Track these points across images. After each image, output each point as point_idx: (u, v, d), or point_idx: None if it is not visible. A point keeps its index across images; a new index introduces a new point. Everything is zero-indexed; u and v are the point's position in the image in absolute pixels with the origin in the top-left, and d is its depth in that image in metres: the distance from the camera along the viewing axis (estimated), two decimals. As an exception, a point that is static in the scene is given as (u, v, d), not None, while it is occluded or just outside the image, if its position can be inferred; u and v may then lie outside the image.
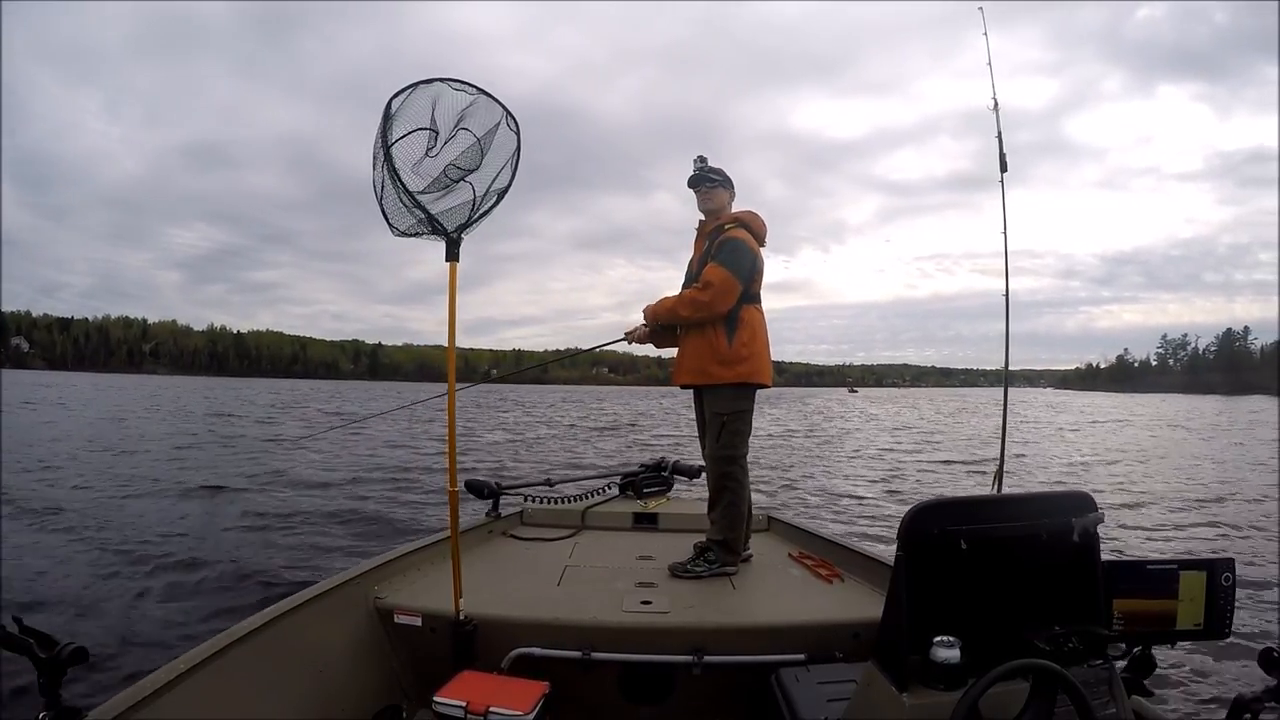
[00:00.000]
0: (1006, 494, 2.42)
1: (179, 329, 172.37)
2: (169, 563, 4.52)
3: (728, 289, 2.27)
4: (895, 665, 1.06)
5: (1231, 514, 7.64)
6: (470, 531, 2.59)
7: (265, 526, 5.65)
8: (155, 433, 14.31)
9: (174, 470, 8.66)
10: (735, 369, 2.31)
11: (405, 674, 1.94)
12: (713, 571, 2.29)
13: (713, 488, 2.41)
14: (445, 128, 1.71)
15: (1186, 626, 1.14)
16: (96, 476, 8.00)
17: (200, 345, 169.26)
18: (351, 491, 7.47)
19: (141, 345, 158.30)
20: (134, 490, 7.15)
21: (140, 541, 5.03)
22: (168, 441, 12.27)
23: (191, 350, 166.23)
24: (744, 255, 2.30)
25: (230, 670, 1.42)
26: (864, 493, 8.64)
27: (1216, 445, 17.20)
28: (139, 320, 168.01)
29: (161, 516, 5.88)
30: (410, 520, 6.10)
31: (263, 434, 15.24)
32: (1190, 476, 10.93)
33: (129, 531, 5.33)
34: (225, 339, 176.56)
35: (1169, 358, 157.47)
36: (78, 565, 4.37)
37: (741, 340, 2.30)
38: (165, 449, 11.13)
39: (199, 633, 3.09)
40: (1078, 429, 22.51)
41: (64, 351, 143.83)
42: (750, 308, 2.35)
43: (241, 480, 8.06)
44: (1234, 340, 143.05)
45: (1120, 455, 14.35)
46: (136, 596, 3.87)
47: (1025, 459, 12.42)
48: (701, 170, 2.43)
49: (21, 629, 0.98)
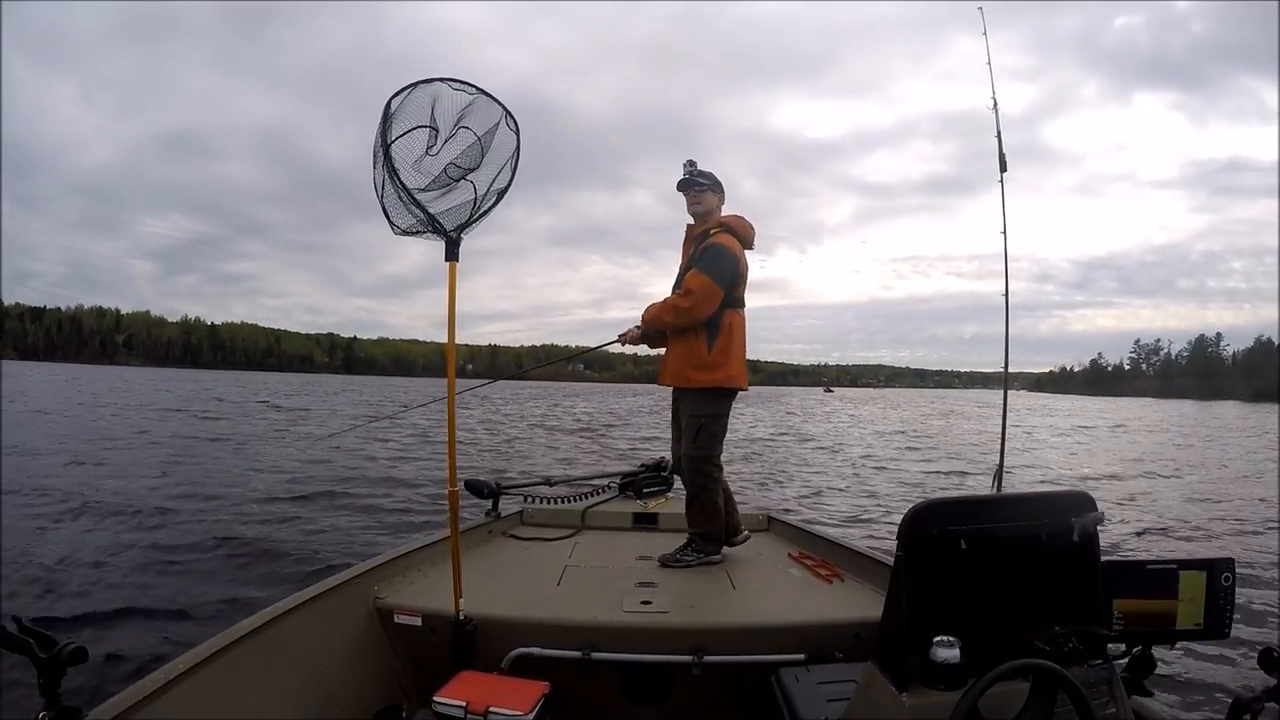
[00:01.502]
0: (1006, 494, 2.42)
1: (153, 320, 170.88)
2: (169, 562, 4.51)
3: (708, 296, 2.32)
4: (895, 665, 1.06)
5: (1231, 514, 7.65)
6: (470, 531, 2.59)
7: (266, 527, 5.64)
8: (157, 430, 14.30)
9: (172, 468, 8.65)
10: (712, 374, 2.37)
11: (405, 674, 1.94)
12: (701, 561, 2.41)
13: (690, 486, 2.48)
14: (445, 126, 1.71)
15: (1186, 626, 1.14)
16: (96, 475, 7.99)
17: (174, 337, 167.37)
18: (351, 491, 7.47)
19: (115, 336, 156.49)
20: (134, 490, 7.14)
21: (140, 541, 5.02)
22: (166, 437, 12.27)
23: (165, 342, 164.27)
24: (725, 262, 2.35)
25: (230, 670, 1.42)
26: (859, 501, 8.63)
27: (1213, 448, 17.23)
28: (112, 310, 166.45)
29: (162, 516, 5.88)
30: (410, 520, 6.10)
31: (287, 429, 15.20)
32: (1189, 477, 10.94)
33: (129, 531, 5.33)
34: (199, 331, 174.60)
35: (1142, 362, 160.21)
36: (77, 565, 4.37)
37: (720, 346, 2.36)
38: (165, 446, 11.12)
39: (199, 632, 3.09)
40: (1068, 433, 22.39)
41: (35, 341, 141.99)
42: (731, 313, 2.40)
43: (241, 480, 8.06)
44: (1206, 346, 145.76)
45: (1119, 458, 14.37)
46: (136, 597, 3.86)
47: (1029, 466, 12.40)
48: (691, 174, 2.46)
49: (21, 629, 0.97)
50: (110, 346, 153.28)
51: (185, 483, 7.66)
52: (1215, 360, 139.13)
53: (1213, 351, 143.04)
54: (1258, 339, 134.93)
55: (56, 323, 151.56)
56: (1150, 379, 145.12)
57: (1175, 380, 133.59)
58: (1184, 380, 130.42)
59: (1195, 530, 6.78)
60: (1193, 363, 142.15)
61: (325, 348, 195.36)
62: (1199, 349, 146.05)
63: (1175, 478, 11.01)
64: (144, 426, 14.56)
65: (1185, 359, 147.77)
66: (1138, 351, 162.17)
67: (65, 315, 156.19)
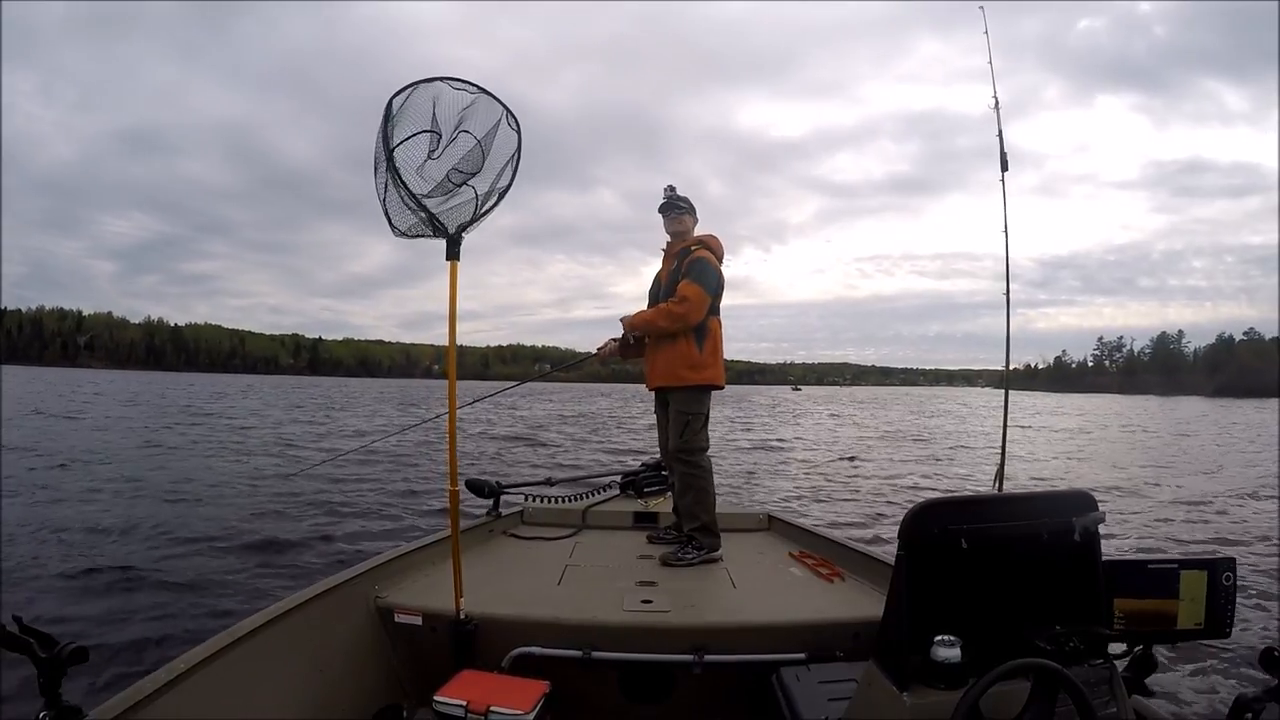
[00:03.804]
0: (1007, 493, 2.42)
1: (115, 321, 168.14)
2: (168, 562, 4.52)
3: (701, 303, 2.56)
4: (896, 664, 1.06)
5: (1230, 514, 7.64)
6: (471, 531, 2.59)
7: (266, 527, 5.64)
8: (158, 429, 14.31)
9: (171, 468, 8.66)
10: (703, 373, 2.60)
11: (405, 673, 1.94)
12: (703, 558, 2.47)
13: (680, 478, 2.63)
14: (447, 130, 1.71)
15: (1187, 626, 1.14)
16: (96, 475, 8.00)
17: (137, 338, 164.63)
18: (351, 491, 7.47)
19: (77, 338, 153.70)
20: (133, 489, 7.15)
21: (139, 540, 5.03)
22: (165, 437, 12.28)
23: (128, 343, 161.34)
24: (712, 273, 2.61)
25: (230, 670, 1.42)
26: (859, 501, 8.63)
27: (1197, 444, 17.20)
28: (74, 312, 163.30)
29: (161, 515, 5.88)
30: (410, 520, 6.10)
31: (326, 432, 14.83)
32: (1186, 475, 10.94)
33: (127, 530, 5.33)
34: (163, 332, 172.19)
35: (1105, 359, 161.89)
36: (78, 564, 4.37)
37: (708, 349, 2.60)
38: (164, 446, 11.12)
39: (199, 632, 3.09)
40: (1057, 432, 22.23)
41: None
42: (714, 319, 2.65)
43: (241, 478, 8.06)
44: (1169, 343, 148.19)
45: (1114, 454, 14.36)
46: (136, 596, 3.86)
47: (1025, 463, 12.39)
48: (671, 199, 2.73)
49: (22, 628, 0.97)
50: (72, 349, 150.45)
51: (185, 482, 7.67)
52: (1177, 357, 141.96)
53: (1175, 348, 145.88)
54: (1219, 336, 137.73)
55: (18, 324, 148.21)
56: (1113, 375, 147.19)
57: (1139, 377, 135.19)
58: (1147, 377, 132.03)
59: (1195, 531, 6.78)
60: (1155, 359, 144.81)
61: (290, 349, 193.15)
62: (1161, 346, 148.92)
63: (1170, 475, 11.00)
64: (144, 428, 14.57)
65: (1148, 356, 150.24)
66: (1101, 349, 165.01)
67: (26, 317, 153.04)
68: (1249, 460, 13.65)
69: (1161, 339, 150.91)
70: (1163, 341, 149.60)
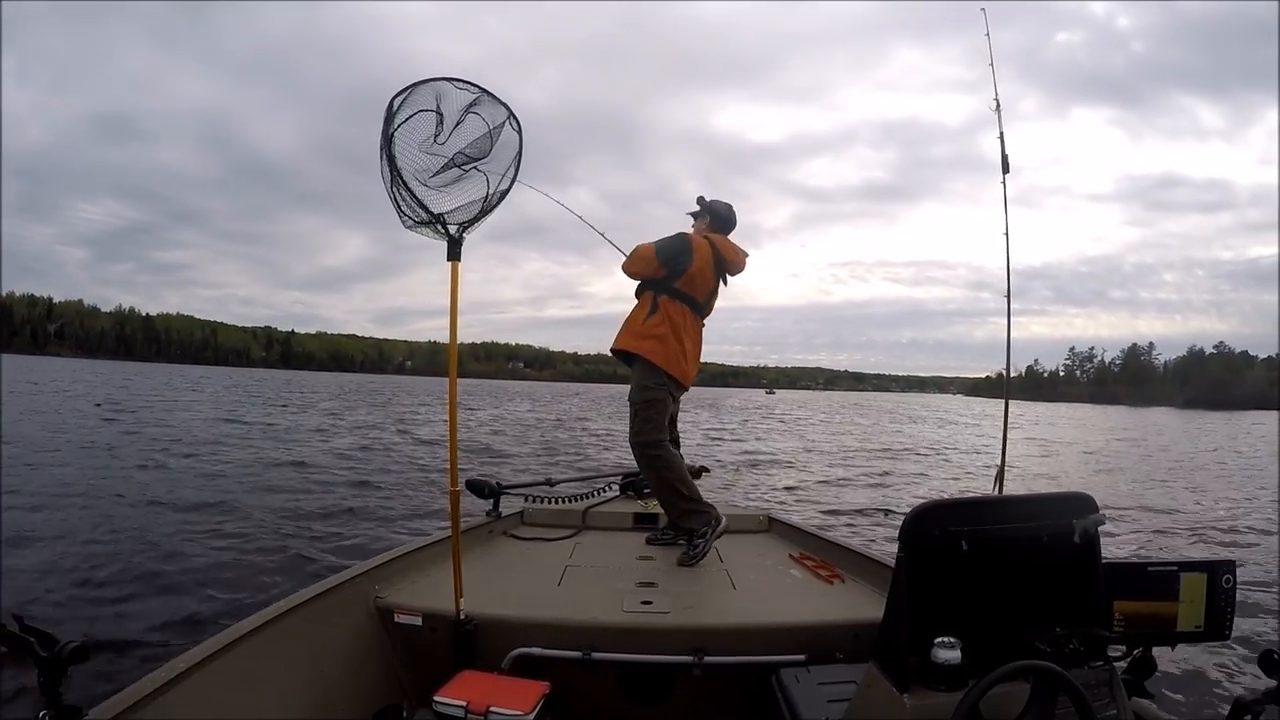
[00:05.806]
0: (1008, 495, 2.42)
1: (85, 310, 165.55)
2: (168, 562, 4.51)
3: (643, 256, 2.59)
4: (896, 666, 1.06)
5: (1231, 515, 7.64)
6: (471, 531, 2.59)
7: (266, 527, 5.64)
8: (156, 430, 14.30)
9: (171, 469, 8.65)
10: (643, 343, 2.58)
11: (405, 674, 1.94)
12: (713, 539, 2.46)
13: (645, 474, 2.66)
14: (451, 117, 1.68)
15: (1187, 628, 1.14)
16: (95, 475, 7.99)
17: (107, 327, 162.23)
18: (351, 491, 7.47)
19: (46, 326, 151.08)
20: (132, 489, 7.14)
21: (140, 541, 5.02)
22: (165, 437, 12.27)
23: (98, 332, 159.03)
24: (673, 243, 2.61)
25: (230, 670, 1.42)
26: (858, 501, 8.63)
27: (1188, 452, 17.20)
28: (44, 299, 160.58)
29: (160, 515, 5.88)
30: (410, 520, 6.10)
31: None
32: (1181, 480, 10.93)
33: (126, 531, 5.32)
34: (134, 321, 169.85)
35: (1076, 369, 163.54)
36: (76, 563, 4.37)
37: (656, 322, 2.58)
38: (161, 445, 11.12)
39: (199, 632, 3.09)
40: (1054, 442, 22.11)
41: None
42: (668, 301, 2.59)
43: (241, 479, 8.05)
44: (1139, 355, 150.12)
45: (1106, 461, 14.35)
46: (136, 596, 3.86)
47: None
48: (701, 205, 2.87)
49: (22, 627, 0.97)
50: (42, 337, 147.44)
51: (185, 483, 7.66)
52: (1148, 368, 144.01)
53: (1145, 360, 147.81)
54: (1190, 349, 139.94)
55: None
56: (1084, 385, 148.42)
57: (1109, 387, 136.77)
58: (1117, 387, 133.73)
59: (1195, 531, 6.78)
60: (1126, 370, 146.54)
61: (262, 341, 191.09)
62: (1132, 357, 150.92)
63: (1163, 480, 11.00)
64: (145, 424, 14.55)
65: (1119, 366, 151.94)
66: (1072, 358, 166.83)
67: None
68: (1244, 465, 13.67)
69: (1132, 350, 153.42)
70: (1134, 353, 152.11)
